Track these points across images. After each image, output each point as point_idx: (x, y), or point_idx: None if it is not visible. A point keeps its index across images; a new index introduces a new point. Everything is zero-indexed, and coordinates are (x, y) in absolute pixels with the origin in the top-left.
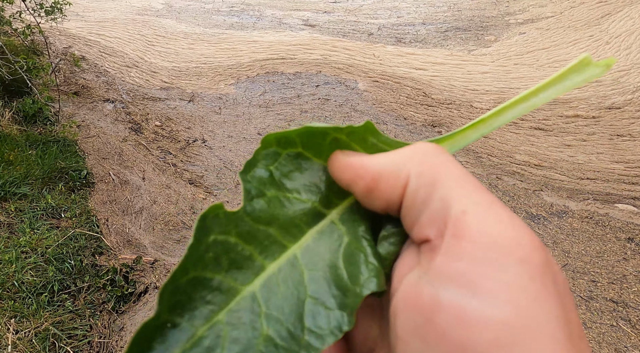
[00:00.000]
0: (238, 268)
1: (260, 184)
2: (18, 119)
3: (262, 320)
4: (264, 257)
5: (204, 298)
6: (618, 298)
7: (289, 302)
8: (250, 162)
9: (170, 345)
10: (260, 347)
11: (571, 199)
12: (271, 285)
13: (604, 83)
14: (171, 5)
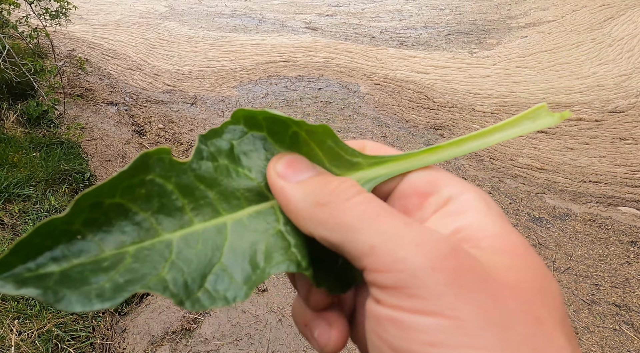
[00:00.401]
0: (166, 214)
1: (216, 151)
2: (22, 121)
3: (166, 264)
4: (194, 215)
5: (122, 228)
6: (621, 302)
7: (199, 260)
8: (215, 131)
9: (71, 255)
10: (150, 283)
11: (574, 202)
12: (190, 240)
13: (607, 87)
14: (174, 8)
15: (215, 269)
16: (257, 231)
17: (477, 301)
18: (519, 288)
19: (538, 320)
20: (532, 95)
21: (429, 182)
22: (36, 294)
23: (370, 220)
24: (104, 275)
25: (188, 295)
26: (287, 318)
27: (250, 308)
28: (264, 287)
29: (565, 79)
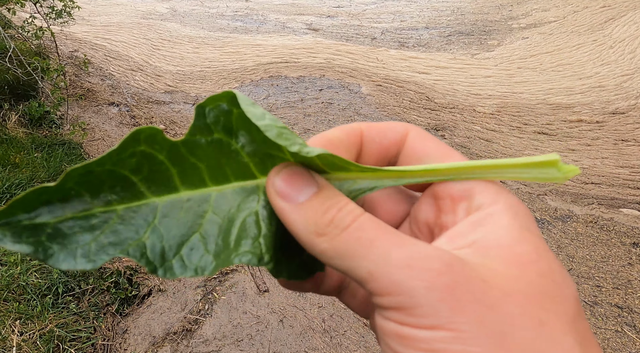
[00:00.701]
0: (154, 180)
1: (214, 120)
2: (24, 122)
3: (149, 229)
4: (181, 182)
5: (113, 187)
6: (623, 303)
7: (180, 228)
8: (214, 98)
9: (64, 207)
10: (129, 248)
11: (575, 204)
12: (175, 206)
13: (607, 88)
14: (176, 9)
15: (193, 238)
16: (238, 208)
17: (473, 312)
18: (520, 295)
19: (540, 323)
20: (533, 95)
21: (465, 186)
22: (29, 251)
23: (365, 248)
24: (90, 235)
25: (162, 263)
26: (288, 319)
27: (251, 308)
28: (265, 287)
29: (566, 79)
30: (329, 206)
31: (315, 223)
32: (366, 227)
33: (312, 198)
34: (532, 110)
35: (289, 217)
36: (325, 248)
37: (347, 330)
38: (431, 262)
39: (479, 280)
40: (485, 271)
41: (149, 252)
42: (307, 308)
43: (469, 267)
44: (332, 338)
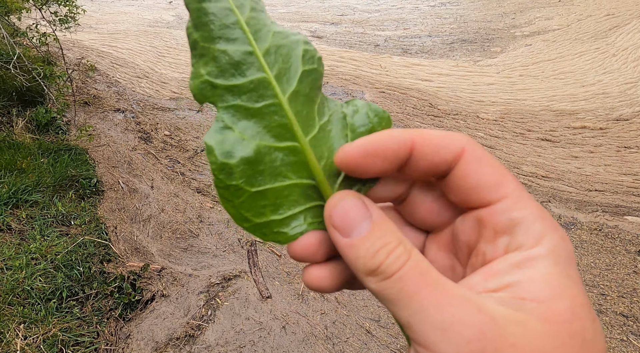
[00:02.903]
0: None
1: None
2: (31, 127)
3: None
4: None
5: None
6: (628, 312)
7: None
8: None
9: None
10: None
11: (579, 211)
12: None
13: (611, 95)
14: (182, 17)
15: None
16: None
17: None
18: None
19: None
20: (537, 102)
21: (511, 220)
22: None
23: (405, 299)
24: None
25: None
26: (290, 325)
27: (254, 315)
28: (268, 293)
29: (569, 86)
30: (379, 248)
31: (364, 264)
32: (409, 277)
33: (365, 238)
34: (535, 116)
35: (344, 251)
36: (373, 289)
37: (350, 337)
38: (464, 328)
39: (508, 346)
40: (517, 330)
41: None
42: (309, 314)
43: (500, 331)
44: (334, 345)
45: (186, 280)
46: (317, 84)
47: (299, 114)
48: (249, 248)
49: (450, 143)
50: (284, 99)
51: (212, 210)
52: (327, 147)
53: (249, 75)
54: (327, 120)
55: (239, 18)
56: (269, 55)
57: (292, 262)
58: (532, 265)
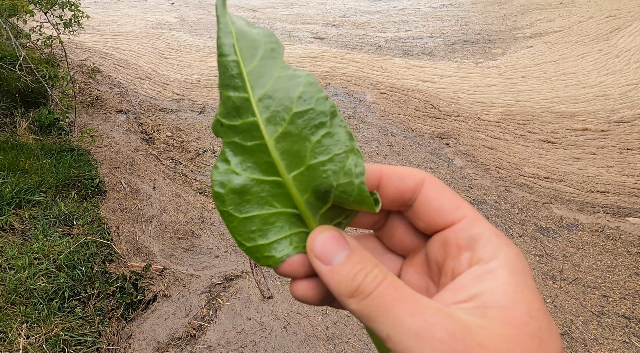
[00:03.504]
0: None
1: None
2: (34, 128)
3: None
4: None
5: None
6: (630, 314)
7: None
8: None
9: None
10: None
11: (581, 212)
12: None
13: (612, 97)
14: (184, 19)
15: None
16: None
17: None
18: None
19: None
20: (538, 104)
21: (471, 237)
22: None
23: (383, 313)
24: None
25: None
26: (292, 325)
27: (255, 315)
28: (269, 294)
29: (571, 88)
30: (358, 271)
31: (345, 287)
32: (386, 293)
33: (344, 263)
34: (537, 118)
35: (325, 278)
36: (354, 309)
37: (351, 337)
38: (436, 331)
39: (476, 345)
40: (483, 333)
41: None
42: (310, 315)
43: (469, 332)
44: (335, 345)
45: (188, 280)
46: (316, 123)
47: (286, 152)
48: None
49: (412, 174)
50: (270, 140)
51: (214, 211)
52: (313, 185)
53: (244, 118)
54: (325, 160)
55: (242, 70)
56: (264, 100)
57: None
58: (492, 277)
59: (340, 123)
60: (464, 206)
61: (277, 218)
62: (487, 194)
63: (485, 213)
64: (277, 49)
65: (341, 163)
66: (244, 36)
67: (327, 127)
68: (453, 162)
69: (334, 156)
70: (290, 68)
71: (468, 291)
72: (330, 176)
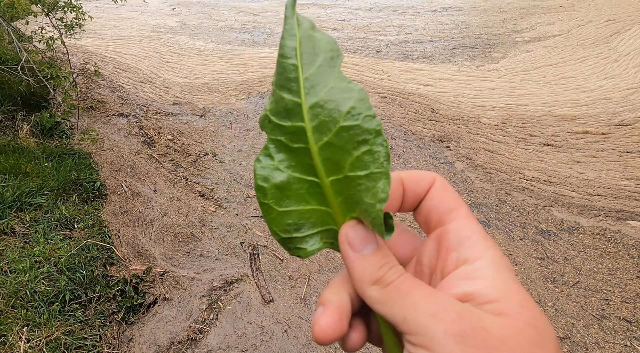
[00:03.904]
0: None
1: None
2: (35, 132)
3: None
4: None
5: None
6: (632, 317)
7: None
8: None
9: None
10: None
11: (582, 215)
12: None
13: (613, 100)
14: (185, 22)
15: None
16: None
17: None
18: (510, 342)
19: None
20: (538, 107)
21: (459, 238)
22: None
23: (402, 298)
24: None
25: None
26: (292, 329)
27: (256, 318)
28: (270, 297)
29: (571, 92)
30: (384, 264)
31: (370, 274)
32: (405, 282)
33: (373, 255)
34: (537, 121)
35: (352, 263)
36: (373, 295)
37: None
38: (448, 313)
39: (481, 328)
40: (486, 318)
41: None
42: (311, 318)
43: (474, 316)
44: (336, 349)
45: (188, 283)
46: (360, 139)
47: (328, 160)
48: (251, 252)
49: (426, 176)
50: (315, 147)
51: (215, 214)
52: (348, 192)
53: (294, 121)
54: (361, 175)
55: (300, 75)
56: (315, 108)
57: (294, 266)
58: (480, 275)
59: (382, 142)
60: (461, 208)
61: (311, 214)
62: (488, 198)
63: (486, 216)
64: (336, 58)
65: (374, 183)
66: (307, 41)
67: (369, 144)
68: (453, 166)
69: (370, 174)
70: (345, 80)
71: (458, 290)
72: (362, 191)
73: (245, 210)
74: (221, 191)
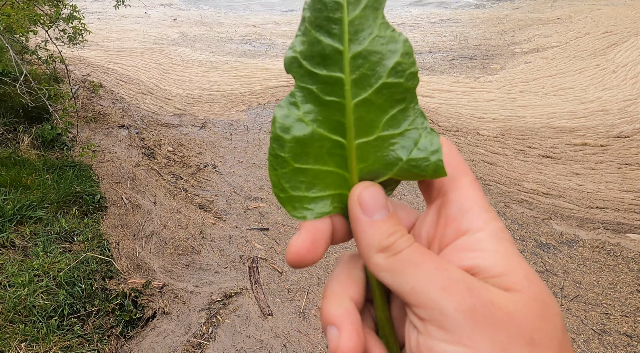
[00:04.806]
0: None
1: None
2: (37, 144)
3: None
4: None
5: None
6: (632, 332)
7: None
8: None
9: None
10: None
11: (581, 228)
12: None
13: (611, 112)
14: (186, 34)
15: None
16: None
17: (487, 332)
18: (518, 316)
19: (532, 340)
20: (537, 119)
21: (460, 208)
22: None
23: (411, 268)
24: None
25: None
26: (292, 343)
27: (255, 333)
28: (269, 311)
29: (569, 103)
30: (394, 231)
31: (379, 241)
32: (415, 252)
33: (384, 221)
34: (536, 133)
35: (362, 227)
36: (380, 262)
37: None
38: (459, 286)
39: (490, 303)
40: (494, 293)
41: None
42: (310, 333)
43: (484, 289)
44: None
45: (187, 297)
46: (398, 97)
47: (361, 119)
48: (250, 265)
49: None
50: (351, 103)
51: (214, 227)
52: (376, 155)
53: (331, 71)
54: (395, 133)
55: (345, 16)
56: (357, 59)
57: (293, 279)
58: (481, 247)
59: (415, 99)
60: (465, 175)
61: (327, 176)
62: None
63: None
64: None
65: (414, 139)
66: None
67: (406, 102)
68: None
69: (405, 131)
70: (389, 27)
71: (462, 263)
72: (398, 149)
73: (244, 223)
74: (221, 203)
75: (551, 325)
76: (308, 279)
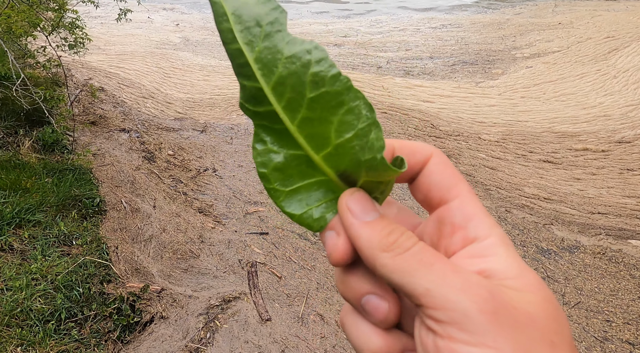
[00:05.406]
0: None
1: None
2: (37, 147)
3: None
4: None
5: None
6: (634, 339)
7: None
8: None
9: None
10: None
11: (582, 234)
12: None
13: (613, 117)
14: (188, 38)
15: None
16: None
17: (510, 334)
18: (538, 319)
19: (552, 344)
20: (538, 124)
21: (465, 216)
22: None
23: (424, 269)
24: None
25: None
26: (290, 349)
27: (253, 338)
28: (267, 316)
29: (571, 109)
30: (392, 229)
31: (379, 241)
32: (426, 253)
33: (378, 221)
34: (537, 138)
35: (357, 230)
36: (386, 263)
37: None
38: (480, 289)
39: (512, 307)
40: (513, 296)
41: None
42: (309, 338)
43: (505, 294)
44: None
45: (186, 301)
46: (334, 103)
47: (310, 135)
48: (249, 269)
49: (422, 148)
50: (293, 126)
51: (214, 231)
52: (345, 160)
53: (264, 105)
54: (351, 136)
55: (248, 58)
56: (277, 88)
57: (292, 284)
58: (493, 253)
59: (357, 95)
60: (461, 184)
61: (319, 185)
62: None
63: None
64: (278, 20)
65: (365, 137)
66: (241, 15)
67: (345, 104)
68: None
69: (358, 131)
70: (296, 42)
71: (473, 268)
72: (358, 152)
73: (244, 227)
74: (220, 207)
75: (564, 328)
76: (307, 284)
